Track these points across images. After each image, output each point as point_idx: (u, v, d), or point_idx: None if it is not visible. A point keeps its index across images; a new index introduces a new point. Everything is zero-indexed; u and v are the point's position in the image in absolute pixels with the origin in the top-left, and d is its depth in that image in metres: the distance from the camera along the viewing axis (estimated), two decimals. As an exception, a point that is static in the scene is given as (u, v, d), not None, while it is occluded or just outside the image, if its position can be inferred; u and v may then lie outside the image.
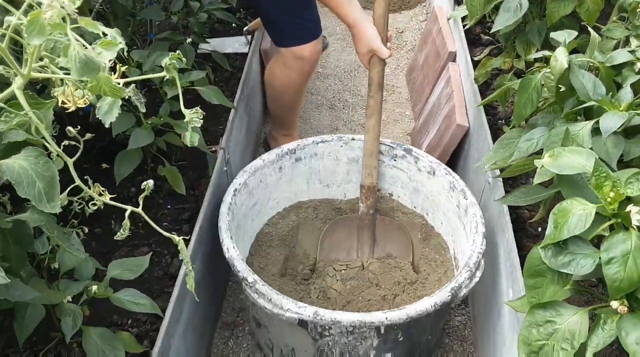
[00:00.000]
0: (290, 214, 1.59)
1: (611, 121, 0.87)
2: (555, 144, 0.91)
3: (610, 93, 0.99)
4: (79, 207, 0.81)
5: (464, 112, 1.71)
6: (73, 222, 0.94)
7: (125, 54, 0.75)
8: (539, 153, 1.02)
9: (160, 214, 1.45)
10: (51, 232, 0.71)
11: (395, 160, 1.50)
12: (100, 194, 0.81)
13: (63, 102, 0.63)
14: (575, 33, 1.13)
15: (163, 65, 0.64)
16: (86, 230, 0.99)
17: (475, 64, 1.73)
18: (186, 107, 1.62)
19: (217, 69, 1.85)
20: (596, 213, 0.72)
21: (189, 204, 1.47)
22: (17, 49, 0.89)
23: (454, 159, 1.77)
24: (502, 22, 1.37)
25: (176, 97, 1.34)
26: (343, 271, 1.42)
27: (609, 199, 0.72)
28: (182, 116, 1.56)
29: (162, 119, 1.34)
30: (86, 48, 0.56)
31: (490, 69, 1.54)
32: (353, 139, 1.52)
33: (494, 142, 1.45)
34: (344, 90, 2.38)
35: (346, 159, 1.55)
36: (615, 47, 1.36)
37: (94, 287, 0.95)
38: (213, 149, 1.48)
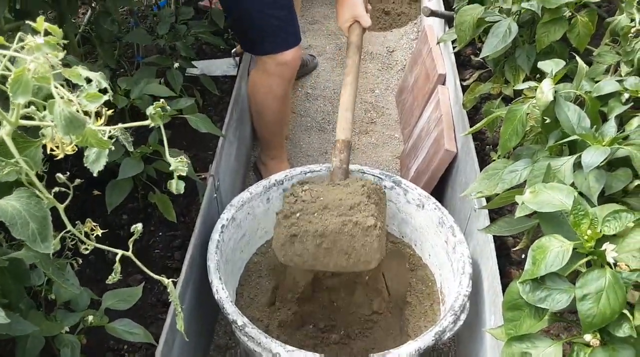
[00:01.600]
0: (279, 242, 1.64)
1: (593, 157, 0.93)
2: (537, 178, 0.96)
3: (595, 126, 1.05)
4: (72, 243, 0.85)
5: (453, 137, 1.77)
6: (67, 254, 0.98)
7: (114, 81, 0.80)
8: (523, 184, 1.07)
9: (152, 242, 1.49)
10: (46, 269, 0.76)
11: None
12: (92, 229, 0.86)
13: (51, 149, 0.67)
14: (563, 63, 1.19)
15: (147, 114, 0.68)
16: (80, 261, 1.04)
17: (465, 88, 1.79)
18: (175, 133, 1.67)
19: (206, 92, 1.90)
20: (573, 250, 0.77)
21: (180, 231, 1.52)
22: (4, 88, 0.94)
23: (442, 183, 1.83)
24: (491, 48, 1.43)
25: (165, 126, 1.40)
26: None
27: (586, 237, 0.77)
28: (171, 146, 1.61)
29: (151, 148, 1.38)
30: (71, 101, 0.60)
31: (478, 95, 1.60)
32: (342, 168, 1.57)
33: (481, 167, 1.52)
34: (333, 112, 2.44)
35: (335, 187, 1.60)
36: (607, 71, 1.43)
37: (90, 318, 1.02)
38: (203, 176, 1.53)
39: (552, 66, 1.15)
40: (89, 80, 0.70)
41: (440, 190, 1.87)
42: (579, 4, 1.42)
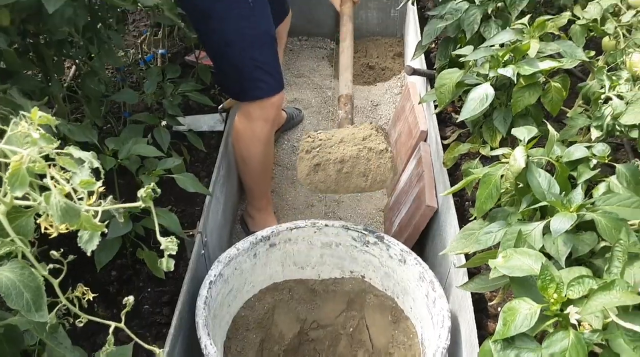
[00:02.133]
0: (265, 296, 1.69)
1: (561, 223, 1.01)
2: (510, 242, 1.04)
3: (564, 192, 1.14)
4: (65, 308, 0.90)
5: (434, 193, 1.86)
6: (59, 313, 1.03)
7: (101, 140, 0.87)
8: (498, 245, 1.15)
9: (141, 297, 1.53)
10: (40, 334, 0.80)
11: (367, 246, 1.63)
12: (83, 294, 0.91)
13: (45, 228, 0.73)
14: (535, 130, 1.29)
15: (138, 195, 0.75)
16: (72, 321, 1.08)
17: (446, 146, 1.89)
18: (164, 189, 1.73)
19: (193, 148, 1.97)
20: (541, 312, 0.84)
21: (169, 286, 1.56)
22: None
23: (424, 237, 1.91)
24: (468, 112, 1.52)
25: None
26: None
27: (552, 300, 0.84)
28: (160, 202, 1.67)
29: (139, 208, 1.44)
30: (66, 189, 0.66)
31: (457, 154, 1.69)
32: (326, 225, 1.64)
33: (460, 223, 1.60)
34: (319, 165, 2.52)
35: (320, 243, 1.67)
36: (580, 132, 1.53)
37: (82, 377, 1.04)
38: (191, 233, 1.59)
39: (524, 133, 1.25)
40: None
41: (422, 243, 1.95)
42: (552, 71, 1.53)
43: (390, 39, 3.30)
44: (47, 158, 0.70)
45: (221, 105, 2.10)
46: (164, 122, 1.74)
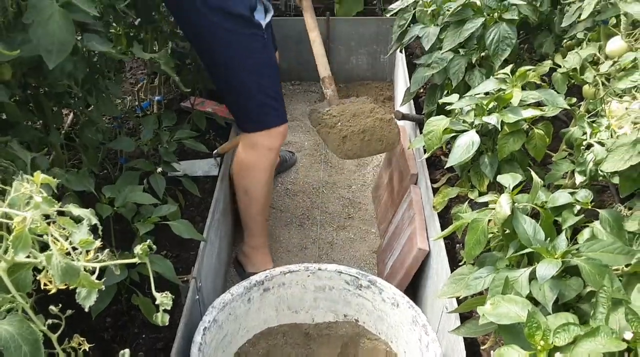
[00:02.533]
0: (260, 341, 1.69)
1: (546, 269, 1.03)
2: (497, 288, 1.06)
3: (549, 238, 1.16)
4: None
5: (425, 236, 1.88)
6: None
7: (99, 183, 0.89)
8: (488, 290, 1.17)
9: (135, 344, 1.53)
10: (39, 387, 0.81)
11: (360, 289, 1.64)
12: (79, 344, 0.92)
13: (45, 284, 0.75)
14: (520, 177, 1.33)
15: (134, 252, 0.77)
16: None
17: (435, 189, 1.93)
18: (159, 234, 1.74)
19: (188, 192, 2.00)
20: (529, 359, 0.86)
21: (164, 333, 1.56)
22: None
23: (417, 279, 1.92)
24: (455, 159, 1.56)
25: (148, 232, 1.48)
26: None
27: (539, 347, 0.86)
28: (154, 250, 1.68)
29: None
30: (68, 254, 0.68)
31: (447, 198, 1.73)
32: (319, 269, 1.66)
33: (451, 265, 1.62)
34: (312, 207, 2.55)
35: (313, 287, 1.68)
36: (565, 176, 1.56)
37: None
38: (185, 278, 1.59)
39: (509, 181, 1.28)
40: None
41: (415, 285, 1.96)
42: (536, 118, 1.58)
43: (380, 83, 3.38)
44: (46, 215, 0.72)
45: (216, 151, 2.14)
46: (159, 169, 1.77)
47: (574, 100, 1.65)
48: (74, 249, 0.68)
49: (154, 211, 1.50)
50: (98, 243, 0.72)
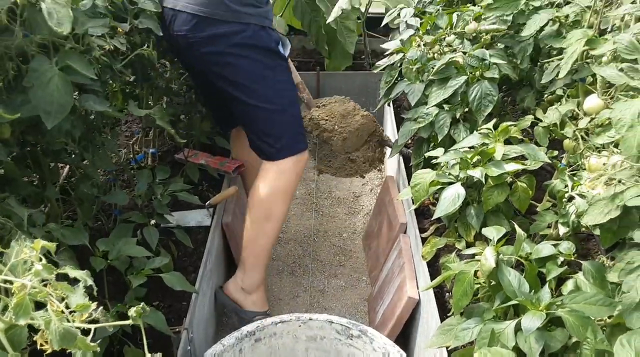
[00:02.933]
0: (251, 393, 1.67)
1: (531, 322, 1.05)
2: (484, 340, 1.08)
3: (534, 290, 1.19)
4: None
5: (415, 284, 1.90)
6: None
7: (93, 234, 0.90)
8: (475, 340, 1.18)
9: (127, 396, 1.51)
10: None
11: (351, 339, 1.64)
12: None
13: (41, 344, 0.76)
14: (504, 230, 1.36)
15: (129, 314, 0.78)
16: None
17: (424, 239, 1.95)
18: (151, 285, 1.73)
19: (181, 242, 2.01)
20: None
21: (155, 384, 1.54)
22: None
23: (408, 327, 1.93)
24: (442, 210, 1.59)
25: (141, 285, 1.49)
26: None
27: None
28: (147, 300, 1.68)
29: (127, 306, 1.46)
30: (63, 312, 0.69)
31: (435, 248, 1.75)
32: (310, 319, 1.66)
33: (441, 313, 1.63)
34: (304, 256, 2.56)
35: (305, 337, 1.68)
36: (549, 227, 1.59)
37: None
38: (177, 329, 1.59)
39: (494, 233, 1.31)
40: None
41: (405, 334, 1.96)
42: (518, 171, 1.62)
43: (370, 132, 3.44)
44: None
45: (208, 202, 2.16)
46: (153, 221, 1.78)
47: (556, 153, 1.70)
48: (71, 311, 0.70)
49: (147, 263, 1.52)
50: (94, 306, 0.73)
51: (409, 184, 1.68)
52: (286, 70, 1.93)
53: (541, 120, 1.72)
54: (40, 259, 0.66)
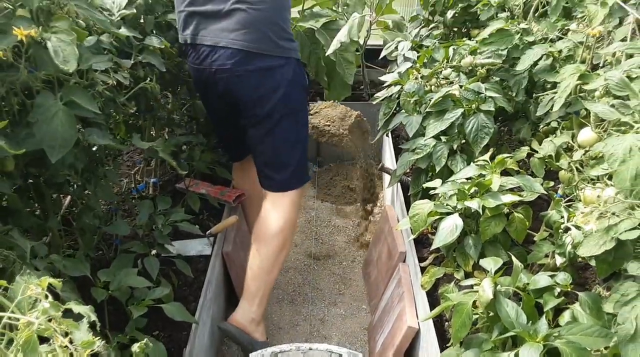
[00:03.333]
0: None
1: (529, 353, 1.06)
2: (483, 373, 1.08)
3: (531, 321, 1.19)
4: None
5: (414, 314, 1.89)
6: None
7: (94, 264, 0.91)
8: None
9: None
10: None
11: (351, 371, 1.63)
12: None
13: None
14: (501, 261, 1.37)
15: (132, 350, 0.79)
16: None
17: (423, 268, 1.96)
18: (150, 315, 1.73)
19: (181, 272, 2.01)
20: None
21: (155, 416, 1.53)
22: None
23: (408, 356, 1.91)
24: (440, 241, 1.60)
25: (142, 316, 1.49)
26: None
27: None
28: (148, 330, 1.68)
29: (128, 337, 1.46)
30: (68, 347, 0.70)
31: (434, 278, 1.75)
32: (310, 349, 1.66)
33: (440, 342, 1.62)
34: (303, 284, 2.56)
35: (304, 368, 1.67)
36: (547, 256, 1.60)
37: None
38: (178, 360, 1.59)
39: (491, 265, 1.32)
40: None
41: (406, 362, 1.95)
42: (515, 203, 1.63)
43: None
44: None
45: (209, 231, 2.17)
46: (154, 251, 1.79)
47: (552, 183, 1.71)
48: (75, 346, 0.70)
49: (148, 293, 1.52)
50: (98, 344, 0.74)
51: (407, 213, 1.70)
52: (308, 104, 2.05)
53: (537, 152, 1.74)
54: (47, 296, 0.68)
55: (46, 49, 1.22)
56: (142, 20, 1.87)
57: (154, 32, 1.91)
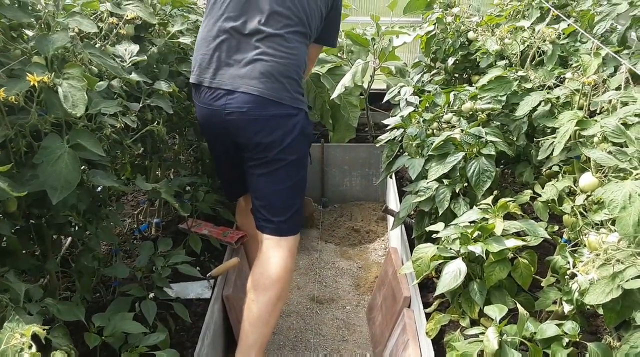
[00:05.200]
0: None
1: (535, 407, 1.01)
2: None
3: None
4: None
5: (421, 363, 1.84)
6: None
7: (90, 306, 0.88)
8: None
9: None
10: None
11: None
12: None
13: None
14: (506, 309, 1.33)
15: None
16: None
17: (428, 314, 1.91)
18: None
19: (179, 316, 1.97)
20: None
21: None
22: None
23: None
24: (444, 286, 1.57)
25: (136, 363, 1.45)
26: None
27: None
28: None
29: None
30: None
31: (439, 325, 1.71)
32: (310, 399, 1.60)
33: (448, 396, 1.56)
34: (305, 329, 2.50)
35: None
36: (555, 303, 1.56)
37: None
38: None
39: (496, 313, 1.29)
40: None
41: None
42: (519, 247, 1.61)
43: (373, 203, 3.46)
44: None
45: (209, 273, 2.14)
46: (151, 294, 1.76)
47: (556, 228, 1.69)
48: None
49: (142, 339, 1.49)
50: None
51: (411, 256, 1.67)
52: (309, 155, 2.08)
53: (540, 195, 1.73)
54: (31, 346, 0.66)
55: (57, 94, 1.24)
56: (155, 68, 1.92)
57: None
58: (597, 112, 1.54)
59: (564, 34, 2.10)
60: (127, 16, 1.72)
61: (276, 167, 1.95)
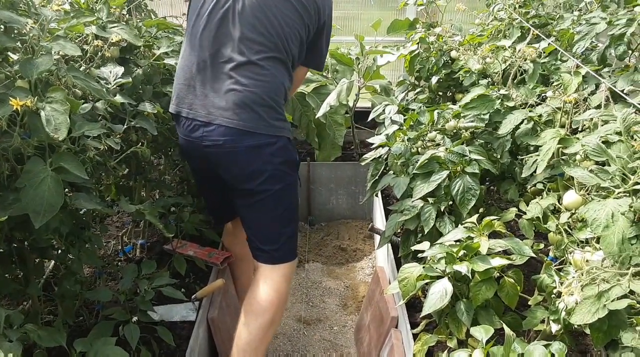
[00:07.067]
0: None
1: None
2: None
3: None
4: None
5: (409, 385, 1.83)
6: None
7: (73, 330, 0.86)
8: None
9: None
10: None
11: None
12: None
13: None
14: (492, 330, 1.33)
15: None
16: None
17: (416, 335, 1.91)
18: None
19: (162, 340, 1.95)
20: None
21: None
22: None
23: None
24: (430, 307, 1.57)
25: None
26: None
27: None
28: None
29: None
30: None
31: (426, 346, 1.71)
32: None
33: (436, 418, 1.56)
34: (293, 351, 2.48)
35: None
36: (543, 322, 1.56)
37: None
38: None
39: (482, 334, 1.29)
40: None
41: None
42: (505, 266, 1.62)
43: (360, 221, 3.47)
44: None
45: (194, 295, 2.12)
46: (135, 318, 1.74)
47: (542, 245, 1.70)
48: None
49: (126, 365, 1.46)
50: None
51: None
52: (298, 179, 2.06)
53: (525, 213, 1.74)
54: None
55: (40, 117, 1.23)
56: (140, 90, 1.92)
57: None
58: (579, 129, 1.56)
59: (544, 52, 2.14)
60: (112, 39, 1.72)
61: (261, 198, 1.92)
